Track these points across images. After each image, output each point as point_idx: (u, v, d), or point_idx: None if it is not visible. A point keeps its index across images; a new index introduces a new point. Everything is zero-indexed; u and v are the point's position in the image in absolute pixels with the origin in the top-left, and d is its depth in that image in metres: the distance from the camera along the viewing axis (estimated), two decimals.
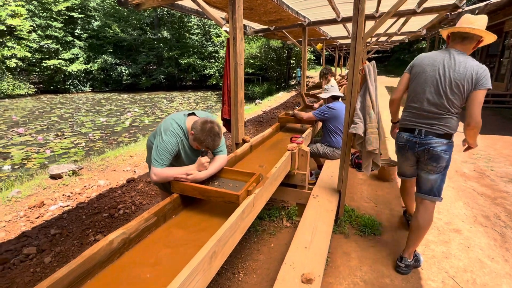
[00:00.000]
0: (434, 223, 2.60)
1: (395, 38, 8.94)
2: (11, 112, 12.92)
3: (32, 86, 19.53)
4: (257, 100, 13.09)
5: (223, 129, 2.76)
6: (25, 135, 8.61)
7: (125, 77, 22.92)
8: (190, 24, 24.37)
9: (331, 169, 3.05)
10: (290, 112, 3.68)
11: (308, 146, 3.26)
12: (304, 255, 1.73)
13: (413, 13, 4.02)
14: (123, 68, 22.98)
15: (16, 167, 5.89)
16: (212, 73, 22.64)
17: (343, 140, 2.45)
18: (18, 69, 18.91)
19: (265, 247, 2.34)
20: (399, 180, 3.55)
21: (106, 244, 1.20)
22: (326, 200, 2.43)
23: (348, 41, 9.47)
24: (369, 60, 2.49)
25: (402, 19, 5.35)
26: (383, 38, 8.77)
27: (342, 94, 3.37)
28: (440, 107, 1.77)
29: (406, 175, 2.18)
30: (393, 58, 27.08)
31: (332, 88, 3.40)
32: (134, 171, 4.41)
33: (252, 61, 18.56)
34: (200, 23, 24.08)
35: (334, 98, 3.37)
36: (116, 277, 1.17)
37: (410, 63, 1.98)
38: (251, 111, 10.00)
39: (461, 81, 1.68)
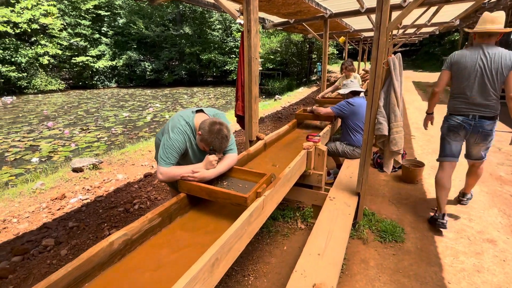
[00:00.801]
0: (464, 231, 2.38)
1: (424, 30, 8.39)
2: (43, 106, 13.66)
3: (62, 82, 20.56)
4: (277, 96, 12.90)
5: (236, 127, 2.68)
6: (54, 129, 9.04)
7: (148, 73, 23.50)
8: (211, 19, 24.45)
9: (350, 169, 2.88)
10: (308, 108, 3.52)
11: (326, 144, 3.11)
12: (317, 262, 1.62)
13: (445, 1, 3.68)
14: (147, 64, 23.55)
15: (43, 159, 6.19)
16: (232, 68, 22.65)
17: (363, 139, 2.28)
18: (50, 65, 19.93)
19: (277, 250, 2.24)
20: (425, 183, 3.31)
21: (106, 246, 1.15)
22: (344, 203, 2.28)
23: (373, 33, 9.02)
24: (395, 53, 2.30)
25: (433, 9, 4.95)
26: (410, 30, 8.25)
27: (362, 89, 3.17)
28: (486, 93, 2.15)
29: (454, 155, 2.39)
30: (422, 52, 25.60)
31: (352, 83, 3.21)
32: (152, 166, 4.46)
33: (272, 56, 18.31)
34: (221, 19, 24.09)
35: (354, 93, 3.18)
36: (114, 280, 1.12)
37: (447, 61, 2.29)
38: (270, 107, 9.86)
39: (499, 68, 2.07)
